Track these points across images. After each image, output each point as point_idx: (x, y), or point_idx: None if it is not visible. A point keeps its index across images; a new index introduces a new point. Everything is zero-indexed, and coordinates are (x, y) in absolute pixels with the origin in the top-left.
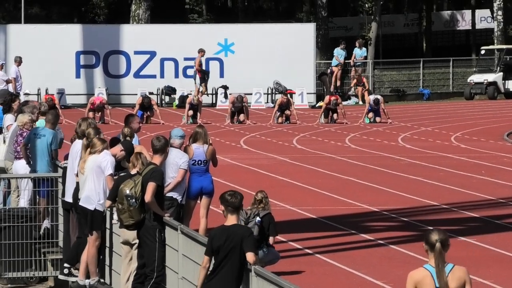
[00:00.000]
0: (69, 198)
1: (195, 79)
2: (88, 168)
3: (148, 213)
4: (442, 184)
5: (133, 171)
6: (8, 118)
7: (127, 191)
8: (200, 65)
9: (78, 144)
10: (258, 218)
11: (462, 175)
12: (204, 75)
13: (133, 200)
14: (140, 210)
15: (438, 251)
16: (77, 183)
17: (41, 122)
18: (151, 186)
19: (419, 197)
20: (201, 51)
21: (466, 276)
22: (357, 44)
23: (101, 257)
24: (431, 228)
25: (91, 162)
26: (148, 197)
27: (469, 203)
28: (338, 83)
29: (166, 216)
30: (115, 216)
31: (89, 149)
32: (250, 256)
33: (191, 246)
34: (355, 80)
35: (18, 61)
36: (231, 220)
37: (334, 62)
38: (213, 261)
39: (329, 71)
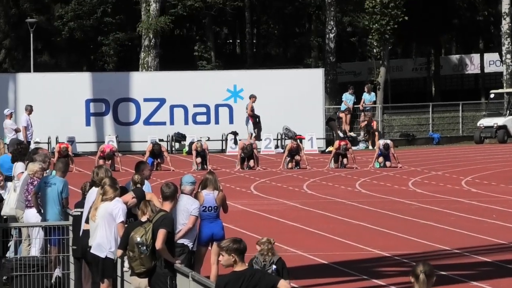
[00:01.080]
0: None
1: (247, 125)
2: (100, 215)
3: (159, 260)
4: (453, 228)
5: (143, 219)
6: (19, 167)
7: (138, 239)
8: (252, 110)
9: (95, 192)
10: (274, 266)
11: (473, 220)
12: (256, 120)
13: (144, 247)
14: (151, 258)
15: (422, 281)
16: (84, 231)
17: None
18: (161, 233)
19: (431, 241)
20: (253, 97)
21: None
22: (366, 89)
23: None
24: (442, 272)
25: (102, 210)
26: (159, 244)
27: (481, 248)
28: (348, 128)
29: (177, 263)
30: (126, 264)
31: (101, 196)
32: (284, 283)
33: None
34: (365, 123)
35: (29, 109)
36: (241, 265)
37: (342, 107)
38: None
39: (336, 116)
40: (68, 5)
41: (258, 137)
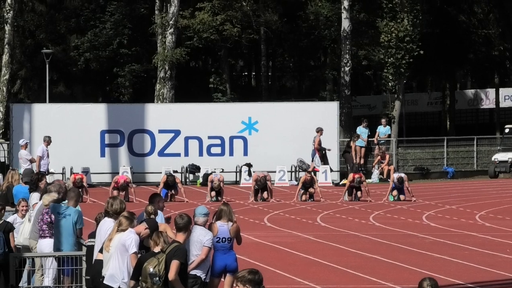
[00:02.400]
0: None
1: (313, 159)
2: (113, 246)
3: None
4: (467, 262)
5: (156, 249)
6: (34, 197)
7: (151, 269)
8: (320, 143)
9: (107, 223)
10: None
11: (487, 254)
12: (322, 153)
13: (157, 278)
14: None
15: None
16: (96, 261)
17: (65, 202)
18: (174, 264)
19: (444, 275)
20: (320, 130)
21: None
22: (382, 122)
23: None
24: None
25: (116, 240)
26: (172, 275)
27: (494, 282)
28: (362, 161)
29: None
30: None
31: (116, 227)
32: None
33: None
34: (378, 157)
35: (47, 141)
36: None
37: (361, 143)
38: None
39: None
40: (84, 36)
41: (311, 171)
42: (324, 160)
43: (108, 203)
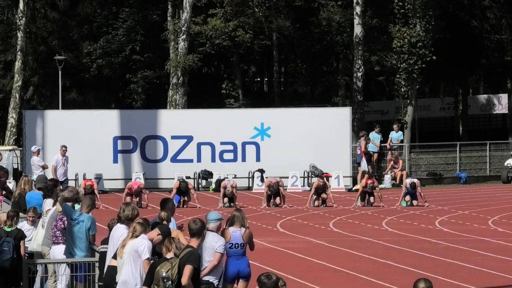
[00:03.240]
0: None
1: (360, 164)
2: (126, 252)
3: None
4: (480, 268)
5: (168, 255)
6: (48, 203)
7: (164, 273)
8: (366, 147)
9: (119, 229)
10: None
11: (500, 259)
12: (368, 157)
13: (169, 282)
14: None
15: None
16: (109, 267)
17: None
18: (188, 269)
19: (457, 281)
20: (365, 135)
21: None
22: (394, 128)
23: None
24: None
25: (129, 247)
26: (185, 280)
27: (507, 287)
28: (375, 168)
29: None
30: None
31: (130, 234)
32: None
33: None
34: (391, 163)
35: (62, 149)
36: None
37: (371, 147)
38: None
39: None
40: (97, 42)
41: (371, 175)
42: (370, 163)
43: (120, 209)
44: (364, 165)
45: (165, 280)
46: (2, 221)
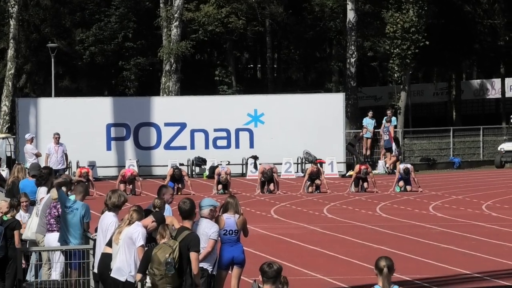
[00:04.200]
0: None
1: (390, 149)
2: (121, 239)
3: (184, 278)
4: (473, 252)
5: (162, 242)
6: (42, 191)
7: (168, 258)
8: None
9: (108, 217)
10: None
11: (494, 244)
12: (396, 142)
13: (172, 266)
14: (178, 276)
15: (385, 275)
16: (103, 254)
17: (72, 196)
18: (194, 257)
19: (451, 265)
20: (390, 120)
21: None
22: (388, 113)
23: None
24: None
25: (123, 234)
26: (196, 269)
27: (501, 272)
28: (368, 152)
29: None
30: (148, 280)
31: (128, 221)
32: None
33: None
34: (384, 150)
35: (55, 137)
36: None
37: (367, 134)
38: None
39: (361, 134)
40: (89, 30)
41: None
42: (398, 147)
43: (107, 196)
44: (395, 149)
45: (168, 265)
46: (4, 209)
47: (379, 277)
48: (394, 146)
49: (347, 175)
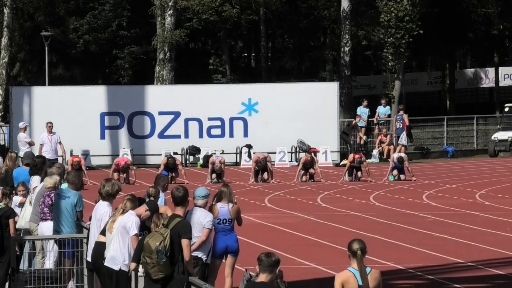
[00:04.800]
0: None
1: (401, 136)
2: (115, 227)
3: (177, 265)
4: (467, 241)
5: (154, 230)
6: (35, 180)
7: (159, 246)
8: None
9: (102, 206)
10: None
11: (488, 232)
12: (409, 131)
13: (163, 254)
14: (170, 264)
15: (359, 257)
16: (97, 243)
17: (64, 185)
18: (186, 244)
19: (445, 254)
20: (404, 108)
21: (380, 277)
22: (382, 102)
23: None
24: (456, 285)
25: (117, 222)
26: (188, 255)
27: (495, 261)
28: (363, 142)
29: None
30: (141, 269)
31: (122, 210)
32: None
33: None
34: (380, 136)
35: (47, 126)
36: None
37: (361, 123)
38: None
39: (354, 122)
40: (83, 18)
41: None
42: (411, 137)
43: (101, 185)
44: (405, 139)
45: (159, 253)
46: None
47: (353, 259)
48: (403, 135)
49: (341, 164)
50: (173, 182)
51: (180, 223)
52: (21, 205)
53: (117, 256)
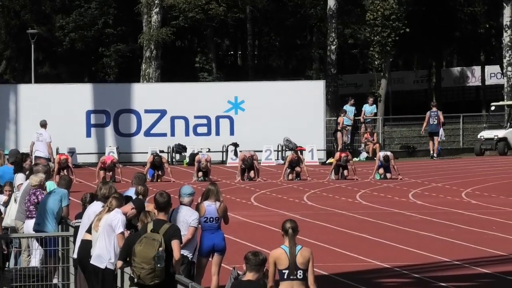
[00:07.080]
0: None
1: (436, 133)
2: (101, 226)
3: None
4: (453, 240)
5: (143, 236)
6: (19, 178)
7: (159, 252)
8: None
9: (95, 205)
10: None
11: (473, 231)
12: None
13: (163, 260)
14: (165, 269)
15: (290, 235)
16: (83, 241)
17: (50, 184)
18: (176, 245)
19: (431, 253)
20: (436, 105)
21: (310, 255)
22: (368, 101)
23: None
24: (442, 284)
25: (103, 221)
26: (178, 255)
27: (480, 259)
28: (348, 140)
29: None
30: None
31: (107, 208)
32: None
33: None
34: (367, 135)
35: (41, 124)
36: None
37: (346, 120)
38: None
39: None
40: (69, 16)
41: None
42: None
43: (98, 187)
44: (443, 135)
45: (159, 259)
46: None
47: (285, 237)
48: (441, 131)
49: (327, 162)
50: (159, 180)
51: (171, 228)
52: (6, 204)
53: (103, 254)
